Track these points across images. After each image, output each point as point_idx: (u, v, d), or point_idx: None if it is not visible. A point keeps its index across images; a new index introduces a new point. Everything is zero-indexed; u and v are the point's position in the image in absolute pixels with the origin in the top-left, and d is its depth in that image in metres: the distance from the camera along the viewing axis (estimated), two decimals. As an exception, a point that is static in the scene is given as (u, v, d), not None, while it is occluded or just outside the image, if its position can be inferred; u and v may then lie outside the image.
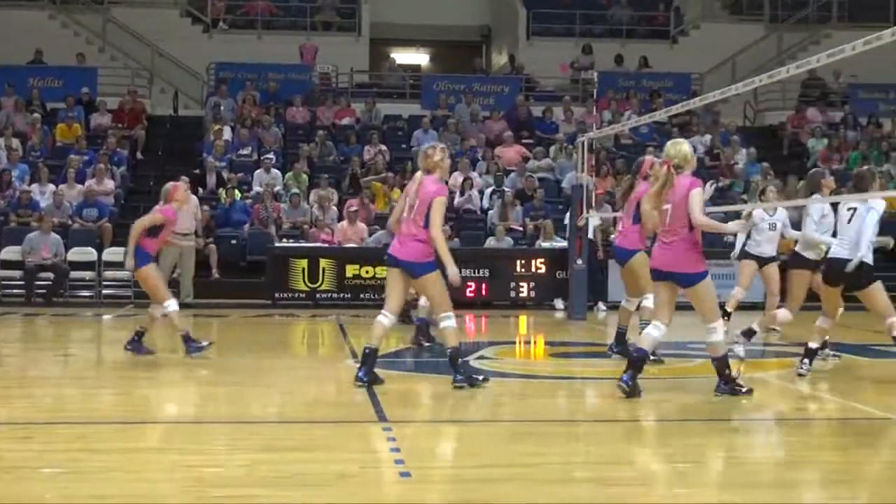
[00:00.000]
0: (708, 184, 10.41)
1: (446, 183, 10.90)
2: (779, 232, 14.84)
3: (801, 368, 11.22)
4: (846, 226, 10.94)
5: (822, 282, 11.41)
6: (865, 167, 12.49)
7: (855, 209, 10.89)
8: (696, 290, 9.83)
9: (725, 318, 13.91)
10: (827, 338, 11.87)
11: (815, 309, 11.77)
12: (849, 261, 10.71)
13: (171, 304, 12.66)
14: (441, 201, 10.25)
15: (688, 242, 9.78)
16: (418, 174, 10.60)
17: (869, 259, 10.76)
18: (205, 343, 12.67)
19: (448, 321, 10.41)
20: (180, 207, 13.41)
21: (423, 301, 14.34)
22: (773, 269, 15.12)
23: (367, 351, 10.49)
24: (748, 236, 15.10)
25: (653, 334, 10.09)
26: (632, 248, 12.28)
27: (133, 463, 7.20)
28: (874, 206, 10.84)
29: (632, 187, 12.35)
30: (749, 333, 12.94)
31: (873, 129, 27.95)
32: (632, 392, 9.83)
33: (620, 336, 12.75)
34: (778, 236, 14.93)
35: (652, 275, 10.22)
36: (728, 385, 9.94)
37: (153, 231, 12.58)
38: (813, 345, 11.32)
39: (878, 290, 10.78)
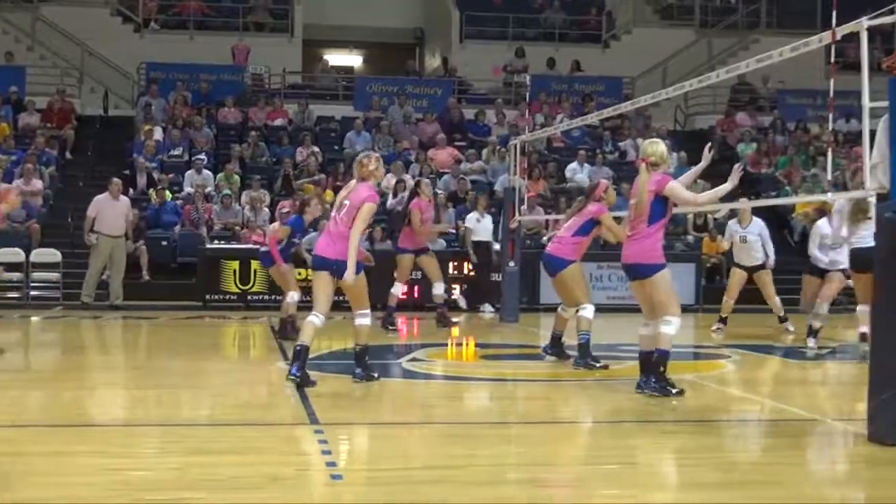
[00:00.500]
0: (707, 148, 10.78)
1: (379, 187, 11.10)
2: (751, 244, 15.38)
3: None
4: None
5: (851, 272, 12.09)
6: None
7: None
8: (653, 281, 10.01)
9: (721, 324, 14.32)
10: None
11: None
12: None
13: None
14: (370, 207, 10.48)
15: (649, 236, 10.03)
16: (353, 182, 10.84)
17: None
18: None
19: (365, 319, 10.81)
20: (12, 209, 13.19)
21: (289, 298, 14.94)
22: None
23: (298, 349, 10.54)
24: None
25: (646, 332, 10.36)
26: (565, 258, 12.33)
27: (61, 466, 7.12)
28: None
29: (581, 209, 12.51)
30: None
31: (801, 134, 28.30)
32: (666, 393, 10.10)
33: (555, 339, 12.82)
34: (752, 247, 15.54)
35: (625, 273, 10.44)
36: (659, 383, 10.03)
37: None
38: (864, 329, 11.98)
39: None
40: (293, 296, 15.08)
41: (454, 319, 17.21)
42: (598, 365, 12.08)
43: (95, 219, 20.33)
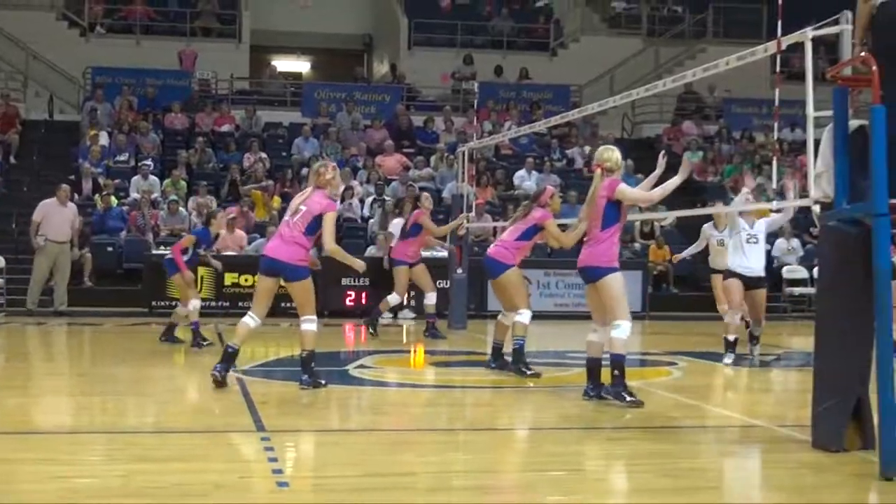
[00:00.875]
0: (661, 154, 10.89)
1: (335, 196, 11.18)
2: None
3: None
4: None
5: None
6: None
7: None
8: (603, 284, 10.07)
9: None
10: None
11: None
12: None
13: None
14: (332, 216, 10.70)
15: (603, 241, 10.12)
16: (308, 189, 11.00)
17: None
18: None
19: (311, 324, 10.87)
20: None
21: (191, 305, 14.98)
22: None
23: (228, 350, 10.74)
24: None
25: (594, 339, 10.42)
26: (506, 262, 12.37)
27: (7, 474, 7.04)
28: None
29: (526, 214, 12.54)
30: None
31: (746, 143, 28.55)
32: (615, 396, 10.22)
33: (497, 350, 12.81)
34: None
35: (581, 276, 10.49)
36: (615, 388, 10.08)
37: None
38: None
39: None
40: (195, 303, 15.19)
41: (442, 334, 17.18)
42: (529, 372, 12.10)
43: (41, 224, 20.15)
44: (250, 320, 10.83)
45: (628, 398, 10.05)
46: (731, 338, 13.74)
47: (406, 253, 17.00)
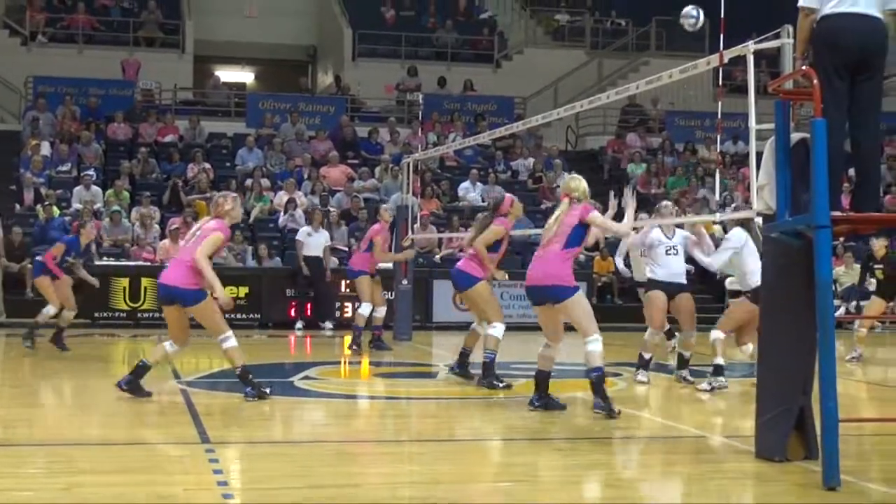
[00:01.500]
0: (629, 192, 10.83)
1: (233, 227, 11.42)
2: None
3: None
4: None
5: None
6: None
7: None
8: (571, 304, 10.16)
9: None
10: None
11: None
12: None
13: None
14: (217, 237, 10.75)
15: (563, 260, 10.24)
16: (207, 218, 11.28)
17: None
18: None
19: (230, 341, 10.81)
20: None
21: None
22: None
23: (140, 364, 10.86)
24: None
25: (546, 353, 10.60)
26: (474, 275, 12.36)
27: (-56, 488, 6.96)
28: None
29: (487, 225, 12.54)
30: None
31: (689, 155, 28.78)
32: (547, 407, 10.43)
33: (463, 356, 12.78)
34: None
35: (531, 295, 10.48)
36: (606, 404, 10.14)
37: None
38: None
39: None
40: (50, 309, 15.75)
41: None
42: (501, 385, 12.09)
43: None
44: (169, 346, 10.95)
45: (615, 410, 10.15)
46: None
47: (365, 264, 16.87)
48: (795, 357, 7.88)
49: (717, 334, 12.45)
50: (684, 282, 13.26)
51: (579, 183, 10.54)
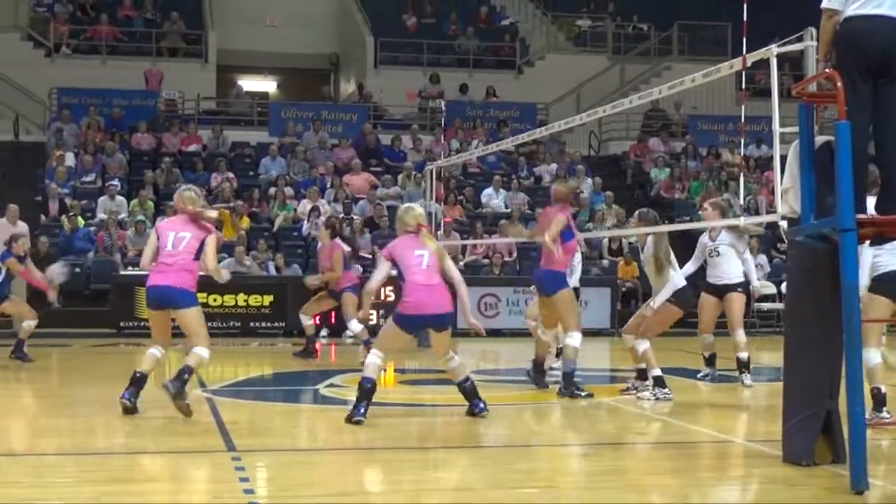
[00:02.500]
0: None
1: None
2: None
3: None
4: None
5: None
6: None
7: None
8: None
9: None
10: None
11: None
12: None
13: None
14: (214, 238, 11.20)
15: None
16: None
17: None
18: None
19: (204, 352, 10.70)
20: None
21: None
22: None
23: (136, 375, 10.81)
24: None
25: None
26: (565, 281, 12.13)
27: (-27, 497, 7.00)
28: None
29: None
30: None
31: (713, 160, 28.70)
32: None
33: (538, 365, 12.71)
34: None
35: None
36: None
37: None
38: None
39: None
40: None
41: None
42: (582, 394, 11.89)
43: None
44: (156, 351, 11.09)
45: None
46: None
47: (353, 280, 16.47)
48: (822, 360, 7.85)
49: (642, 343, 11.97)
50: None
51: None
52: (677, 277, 11.75)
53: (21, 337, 15.72)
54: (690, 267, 12.90)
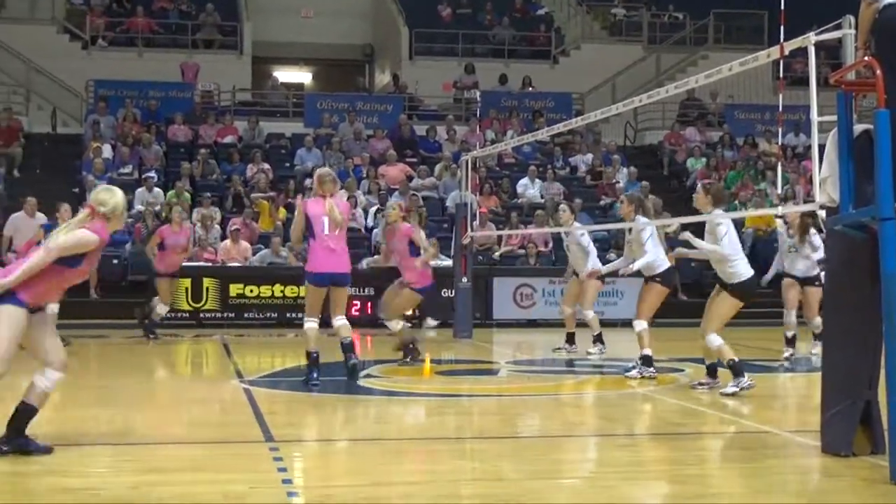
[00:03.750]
0: None
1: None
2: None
3: None
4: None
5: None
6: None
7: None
8: None
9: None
10: None
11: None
12: None
13: None
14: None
15: None
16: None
17: None
18: None
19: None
20: None
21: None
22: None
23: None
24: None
25: None
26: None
27: (15, 487, 7.05)
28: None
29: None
30: None
31: (749, 149, 28.54)
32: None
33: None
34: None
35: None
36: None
37: None
38: None
39: None
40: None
41: None
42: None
43: (13, 238, 20.23)
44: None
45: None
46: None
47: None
48: (860, 351, 7.81)
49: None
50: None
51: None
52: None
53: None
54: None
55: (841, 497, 7.00)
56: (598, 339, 15.56)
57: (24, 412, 8.03)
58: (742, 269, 11.37)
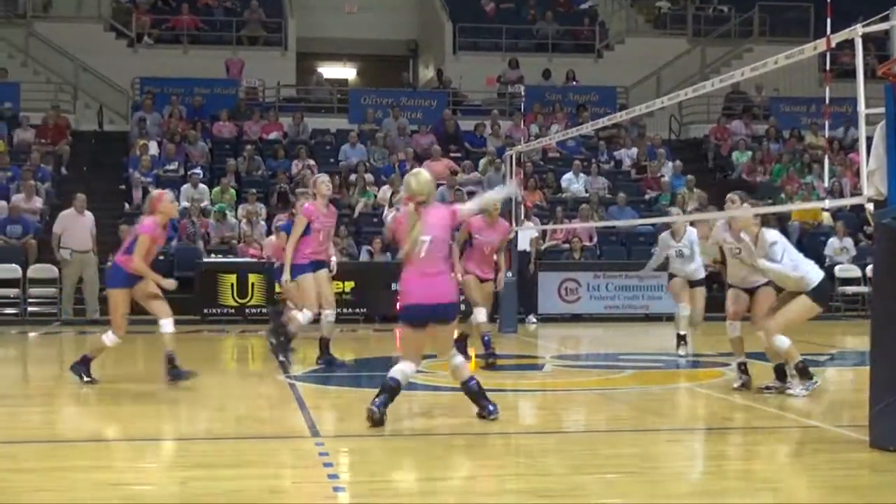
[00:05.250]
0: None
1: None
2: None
3: None
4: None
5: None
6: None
7: None
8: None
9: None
10: None
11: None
12: None
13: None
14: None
15: None
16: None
17: None
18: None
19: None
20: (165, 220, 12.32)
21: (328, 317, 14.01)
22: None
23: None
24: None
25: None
26: None
27: (63, 482, 7.11)
28: None
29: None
30: None
31: (795, 142, 28.34)
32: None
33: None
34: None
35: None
36: None
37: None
38: None
39: None
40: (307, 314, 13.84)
41: None
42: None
43: (62, 235, 20.41)
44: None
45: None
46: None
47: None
48: (909, 344, 7.74)
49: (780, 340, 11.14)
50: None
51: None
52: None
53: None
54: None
55: (890, 492, 6.95)
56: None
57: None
58: (812, 276, 10.83)
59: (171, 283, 11.88)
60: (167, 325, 11.87)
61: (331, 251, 14.02)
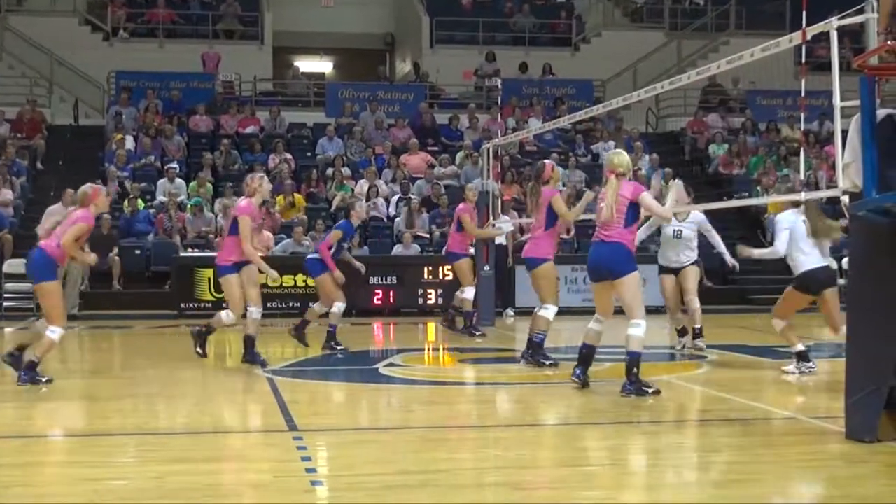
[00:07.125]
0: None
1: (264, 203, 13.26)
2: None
3: None
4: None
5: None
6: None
7: None
8: (623, 283, 10.23)
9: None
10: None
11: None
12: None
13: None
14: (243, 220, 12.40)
15: (622, 238, 10.34)
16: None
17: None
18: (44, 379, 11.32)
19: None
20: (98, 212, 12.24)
21: (335, 308, 14.37)
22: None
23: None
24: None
25: (594, 328, 10.72)
26: (540, 257, 12.35)
27: (37, 477, 7.09)
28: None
29: (538, 193, 12.38)
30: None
31: (772, 135, 28.42)
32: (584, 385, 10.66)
33: (535, 345, 12.65)
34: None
35: (590, 275, 10.73)
36: (633, 385, 10.14)
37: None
38: None
39: None
40: (340, 306, 14.42)
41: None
42: (547, 363, 12.34)
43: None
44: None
45: (650, 391, 10.24)
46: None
47: (463, 247, 16.81)
48: (885, 336, 7.78)
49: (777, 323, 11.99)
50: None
51: (622, 158, 10.61)
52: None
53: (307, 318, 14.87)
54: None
55: (866, 483, 6.99)
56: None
57: None
58: (801, 262, 11.53)
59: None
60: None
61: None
